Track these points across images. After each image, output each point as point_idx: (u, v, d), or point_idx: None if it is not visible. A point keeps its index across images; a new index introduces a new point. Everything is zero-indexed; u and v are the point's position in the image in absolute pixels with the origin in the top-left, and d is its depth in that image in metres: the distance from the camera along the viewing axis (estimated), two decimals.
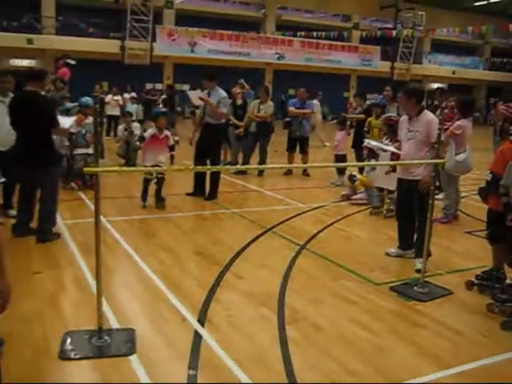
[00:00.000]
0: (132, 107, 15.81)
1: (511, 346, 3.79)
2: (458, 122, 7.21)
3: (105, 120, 15.08)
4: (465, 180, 9.73)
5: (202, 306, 4.27)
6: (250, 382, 3.20)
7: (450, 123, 7.40)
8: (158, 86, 27.00)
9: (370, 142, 7.71)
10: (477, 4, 35.03)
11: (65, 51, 15.96)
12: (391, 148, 6.71)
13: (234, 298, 4.55)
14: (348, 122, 10.78)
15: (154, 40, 26.84)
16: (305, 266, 5.41)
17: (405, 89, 5.59)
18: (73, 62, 11.85)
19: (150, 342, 3.67)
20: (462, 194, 8.44)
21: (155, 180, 7.73)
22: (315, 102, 15.18)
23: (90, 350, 3.48)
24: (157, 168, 7.54)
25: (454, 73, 36.55)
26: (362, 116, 9.96)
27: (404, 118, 5.81)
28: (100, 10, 27.06)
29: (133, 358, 3.43)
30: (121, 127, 11.58)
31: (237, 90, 11.52)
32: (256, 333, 3.88)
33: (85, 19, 25.59)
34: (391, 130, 7.23)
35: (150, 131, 7.86)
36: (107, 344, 3.56)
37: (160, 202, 7.73)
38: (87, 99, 8.69)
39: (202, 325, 3.95)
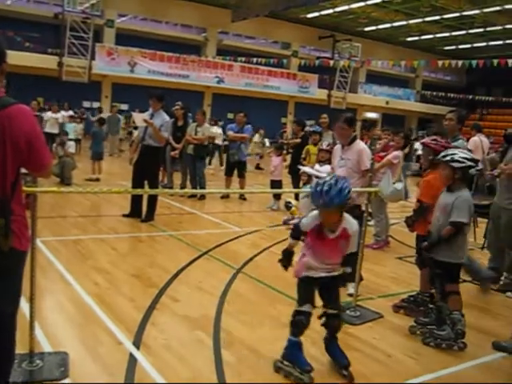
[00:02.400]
0: (70, 126, 15.54)
1: (434, 367, 3.98)
2: (395, 153, 7.58)
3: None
4: (396, 208, 10.12)
5: (137, 329, 4.24)
6: None
7: (384, 153, 7.73)
8: (96, 105, 26.62)
9: (304, 169, 7.92)
10: (409, 39, 36.62)
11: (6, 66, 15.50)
12: (323, 173, 6.85)
13: (170, 321, 4.54)
14: (285, 148, 11.01)
15: (93, 58, 26.48)
16: (241, 290, 5.47)
17: (345, 118, 5.79)
18: None
19: (83, 365, 3.62)
20: (393, 221, 8.77)
21: None
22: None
23: (20, 374, 3.39)
24: (92, 190, 7.44)
25: (387, 103, 37.89)
26: (298, 140, 10.23)
27: (338, 146, 6.03)
28: (38, 25, 26.50)
29: (65, 382, 3.37)
30: (55, 145, 11.36)
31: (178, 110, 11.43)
32: (191, 356, 3.89)
33: (22, 33, 24.99)
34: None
35: None
36: (39, 368, 3.48)
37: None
38: None
39: (138, 348, 3.92)
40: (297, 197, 9.48)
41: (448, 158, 4.32)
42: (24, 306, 3.78)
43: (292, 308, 4.99)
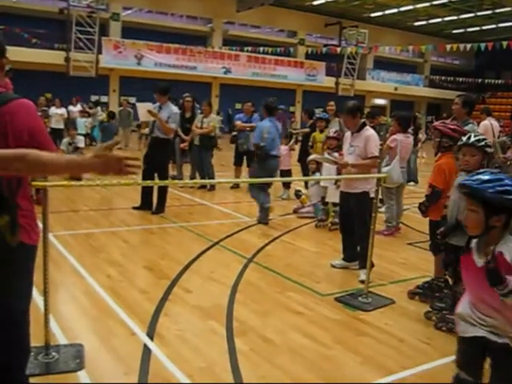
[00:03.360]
0: (81, 121, 15.56)
1: (446, 351, 3.97)
2: (393, 136, 7.55)
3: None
4: (407, 193, 10.09)
5: (150, 320, 4.28)
6: None
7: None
8: (104, 99, 26.68)
9: (316, 157, 7.91)
10: (417, 24, 36.30)
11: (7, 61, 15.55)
12: (333, 157, 6.83)
13: (183, 311, 4.58)
14: (294, 138, 10.99)
15: (99, 52, 26.51)
16: (252, 279, 5.49)
17: (347, 108, 5.79)
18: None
19: (98, 356, 3.66)
20: (405, 207, 8.75)
21: None
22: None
23: (36, 366, 3.43)
24: (102, 182, 7.47)
25: (396, 89, 37.66)
26: (307, 130, 10.23)
27: (348, 133, 6.03)
28: (44, 20, 26.52)
29: (81, 373, 3.41)
30: (65, 141, 11.40)
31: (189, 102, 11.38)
32: (205, 345, 3.92)
33: (29, 29, 25.05)
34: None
35: None
36: (55, 360, 3.52)
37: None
38: None
39: (151, 339, 3.96)
40: (306, 185, 9.49)
41: (482, 143, 4.23)
42: (38, 299, 3.84)
43: (303, 296, 5.04)
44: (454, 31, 37.23)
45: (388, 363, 3.76)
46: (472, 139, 4.29)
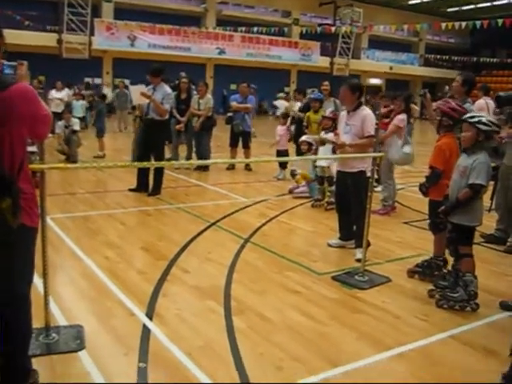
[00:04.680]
0: (78, 104, 15.50)
1: (444, 327, 4.05)
2: (399, 116, 7.55)
3: None
4: (402, 173, 10.13)
5: (149, 301, 4.31)
6: (200, 372, 3.28)
7: (387, 119, 7.71)
8: (98, 81, 26.51)
9: (308, 137, 7.94)
10: (411, 2, 36.07)
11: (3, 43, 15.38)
12: (329, 136, 6.85)
13: (181, 291, 4.61)
14: (289, 118, 10.96)
15: (92, 34, 26.30)
16: (249, 259, 5.53)
17: (349, 83, 5.78)
18: None
19: (98, 337, 3.69)
20: (400, 186, 8.79)
21: None
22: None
23: (37, 347, 3.46)
24: (98, 164, 7.49)
25: (391, 68, 37.55)
26: (302, 115, 10.26)
27: (343, 112, 6.02)
28: (36, 2, 26.25)
29: (82, 353, 3.44)
30: (60, 123, 11.36)
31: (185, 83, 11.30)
32: (203, 325, 3.96)
33: (20, 12, 24.77)
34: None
35: None
36: (55, 341, 3.56)
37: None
38: None
39: (150, 319, 3.99)
40: None
41: (475, 119, 4.27)
42: (37, 281, 3.86)
43: (300, 275, 5.08)
44: (449, 9, 37.08)
45: (385, 339, 3.81)
46: (466, 115, 4.34)
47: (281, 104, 23.20)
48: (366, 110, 5.74)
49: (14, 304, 2.73)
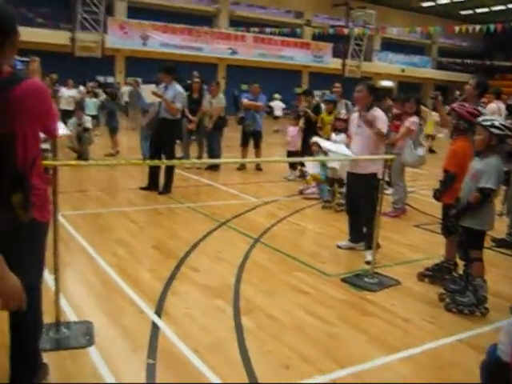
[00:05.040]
0: (91, 102, 15.60)
1: (452, 331, 4.04)
2: (411, 119, 7.53)
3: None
4: (413, 175, 10.10)
5: (158, 299, 4.34)
6: (208, 370, 3.29)
7: (399, 122, 7.70)
8: (110, 80, 26.62)
9: (315, 139, 7.95)
10: (424, 5, 35.92)
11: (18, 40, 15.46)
12: (342, 149, 6.75)
13: (191, 290, 4.63)
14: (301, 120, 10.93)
15: (105, 32, 26.41)
16: (259, 259, 5.54)
17: (367, 83, 5.85)
18: None
19: (108, 333, 3.72)
20: (410, 189, 8.77)
21: None
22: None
23: (47, 342, 3.49)
24: (111, 162, 7.54)
25: (403, 71, 37.40)
26: (313, 114, 10.26)
27: (355, 114, 6.02)
28: (50, 0, 26.41)
29: (91, 349, 3.48)
30: (72, 121, 11.43)
31: (197, 83, 11.33)
32: (212, 323, 3.97)
33: (34, 9, 24.93)
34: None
35: None
36: (65, 336, 3.59)
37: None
38: None
39: (159, 316, 4.02)
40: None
41: (488, 122, 4.25)
42: (48, 278, 3.90)
43: (309, 276, 5.09)
44: (463, 12, 36.88)
45: (393, 342, 3.81)
46: (480, 119, 4.33)
47: (276, 104, 23.40)
48: (378, 112, 5.74)
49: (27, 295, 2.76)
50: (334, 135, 7.81)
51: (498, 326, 4.19)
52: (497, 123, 4.22)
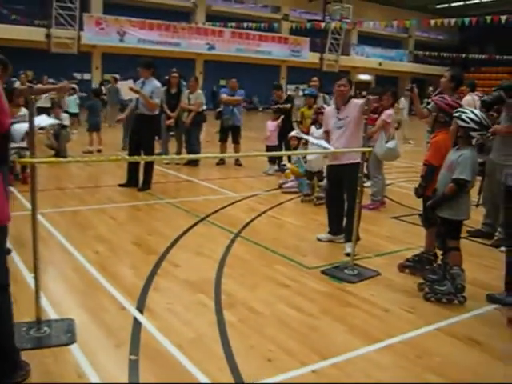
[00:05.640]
0: (71, 99, 15.43)
1: (431, 320, 4.11)
2: (388, 112, 7.60)
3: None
4: (391, 168, 10.19)
5: (140, 295, 4.34)
6: (191, 365, 3.30)
7: (375, 116, 7.76)
8: (87, 76, 26.35)
9: (293, 133, 7.97)
10: None
11: None
12: (323, 143, 6.78)
13: (172, 285, 4.63)
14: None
15: (81, 28, 26.12)
16: (240, 253, 5.56)
17: (347, 77, 5.99)
18: None
19: (89, 331, 3.71)
20: (388, 181, 8.85)
21: None
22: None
23: (29, 341, 3.47)
24: (90, 158, 7.49)
25: (380, 64, 37.66)
26: (288, 105, 10.32)
27: (330, 108, 6.06)
28: None
29: (73, 347, 3.46)
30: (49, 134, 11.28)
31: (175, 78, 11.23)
32: (194, 318, 3.99)
33: (8, 6, 24.55)
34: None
35: None
36: (47, 334, 3.57)
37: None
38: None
39: (141, 312, 4.02)
40: (289, 160, 9.62)
41: (457, 114, 4.34)
42: (28, 276, 3.88)
43: (289, 269, 5.12)
44: (438, 6, 37.24)
45: (373, 332, 3.86)
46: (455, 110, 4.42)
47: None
48: (356, 100, 5.83)
49: None
50: (314, 128, 7.85)
51: (475, 314, 4.28)
52: (464, 116, 4.29)
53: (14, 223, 5.91)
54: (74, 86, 16.64)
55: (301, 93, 26.05)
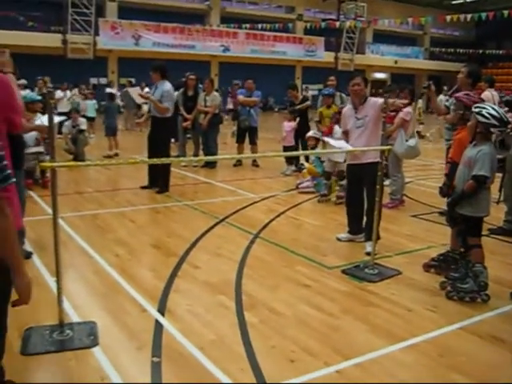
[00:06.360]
0: (90, 103, 15.57)
1: (454, 319, 4.06)
2: (406, 109, 7.54)
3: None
4: (409, 166, 10.11)
5: (161, 297, 4.35)
6: (214, 366, 3.30)
7: (393, 113, 7.70)
8: (103, 81, 26.56)
9: (317, 133, 7.93)
10: None
11: (3, 45, 15.36)
12: (342, 143, 6.69)
13: (192, 287, 4.64)
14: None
15: (96, 33, 26.35)
16: (259, 254, 5.55)
17: (359, 75, 5.92)
18: None
19: (111, 333, 3.73)
20: (407, 180, 8.78)
21: None
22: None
23: (52, 344, 3.50)
24: (109, 162, 7.52)
25: (396, 62, 37.43)
26: (308, 103, 10.29)
27: (348, 107, 6.02)
28: (40, 3, 26.28)
29: (96, 349, 3.48)
30: (67, 123, 11.41)
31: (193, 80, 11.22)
32: (215, 319, 3.98)
33: (24, 13, 24.83)
34: None
35: None
36: (69, 337, 3.59)
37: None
38: (31, 94, 8.50)
39: (163, 314, 4.02)
40: (307, 159, 9.60)
41: (477, 109, 4.29)
42: (50, 280, 3.91)
43: (310, 269, 5.10)
44: (454, 2, 36.91)
45: (397, 331, 3.82)
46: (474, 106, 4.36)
47: None
48: (373, 99, 5.80)
49: None
50: (337, 128, 7.82)
51: (499, 312, 4.22)
52: (484, 112, 4.23)
53: (34, 227, 6.01)
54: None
55: (310, 92, 26.07)
